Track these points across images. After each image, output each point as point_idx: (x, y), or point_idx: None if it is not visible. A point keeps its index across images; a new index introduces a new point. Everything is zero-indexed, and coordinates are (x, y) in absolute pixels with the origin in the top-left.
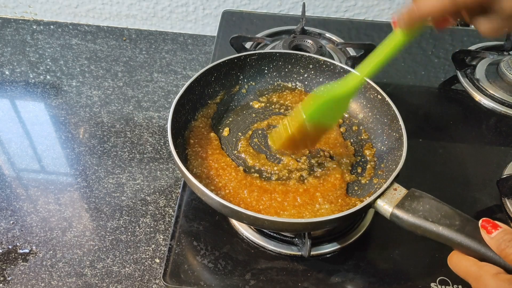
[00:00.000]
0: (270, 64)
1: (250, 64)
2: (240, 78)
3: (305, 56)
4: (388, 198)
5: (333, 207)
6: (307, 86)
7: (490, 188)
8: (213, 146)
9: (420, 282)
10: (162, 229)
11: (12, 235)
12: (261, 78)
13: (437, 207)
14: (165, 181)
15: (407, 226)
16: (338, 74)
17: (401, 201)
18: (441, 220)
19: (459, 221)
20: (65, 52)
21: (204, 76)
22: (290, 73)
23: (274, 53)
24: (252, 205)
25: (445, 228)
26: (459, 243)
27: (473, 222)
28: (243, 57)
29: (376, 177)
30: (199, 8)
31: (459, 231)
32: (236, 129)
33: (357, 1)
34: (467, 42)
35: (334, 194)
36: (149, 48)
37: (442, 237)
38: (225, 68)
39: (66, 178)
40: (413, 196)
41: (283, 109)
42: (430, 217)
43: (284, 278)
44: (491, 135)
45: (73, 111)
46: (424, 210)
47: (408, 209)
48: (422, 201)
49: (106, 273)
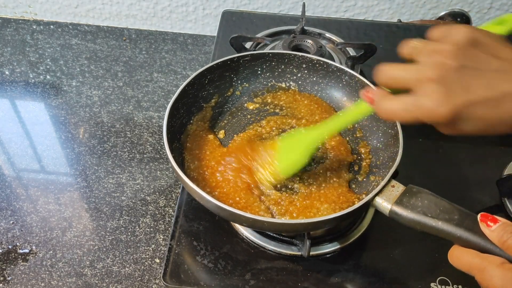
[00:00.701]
0: (263, 64)
1: (244, 66)
2: (234, 80)
3: (298, 55)
4: (387, 195)
5: (334, 206)
6: (300, 85)
7: (490, 188)
8: (210, 148)
9: (420, 282)
10: (162, 229)
11: (12, 235)
12: (255, 79)
13: (436, 202)
14: (165, 181)
15: (407, 222)
16: (332, 73)
17: (400, 198)
18: (440, 215)
19: (458, 215)
20: (65, 52)
21: (198, 79)
22: (283, 73)
23: (267, 54)
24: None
25: (444, 222)
26: (458, 237)
27: (471, 216)
28: (236, 59)
29: (372, 174)
30: (199, 8)
31: (458, 225)
32: (231, 131)
33: (357, 1)
34: None
35: (335, 193)
36: (149, 48)
37: (442, 232)
38: (218, 70)
39: (66, 178)
40: (411, 192)
41: (278, 109)
42: (429, 213)
43: (284, 278)
44: (491, 135)
45: (73, 111)
46: (422, 205)
47: (407, 205)
48: (421, 196)
49: (106, 273)
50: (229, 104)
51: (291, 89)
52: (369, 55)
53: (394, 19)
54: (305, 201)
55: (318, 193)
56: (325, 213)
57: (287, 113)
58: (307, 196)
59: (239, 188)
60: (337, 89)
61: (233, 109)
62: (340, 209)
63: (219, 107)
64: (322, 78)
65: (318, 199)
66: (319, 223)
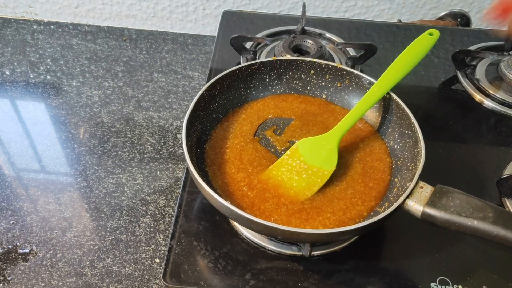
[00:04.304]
0: (271, 72)
1: (252, 74)
2: (243, 88)
3: (306, 61)
4: (417, 197)
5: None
6: (310, 91)
7: (490, 188)
8: (227, 158)
9: (420, 282)
10: (162, 229)
11: (12, 235)
12: (263, 87)
13: (467, 201)
14: (165, 181)
15: (441, 223)
16: (341, 76)
17: (431, 199)
18: (474, 214)
19: (492, 212)
20: (65, 52)
21: (209, 91)
22: (291, 79)
23: (275, 61)
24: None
25: (480, 221)
26: (496, 235)
27: (506, 212)
28: (245, 68)
29: (394, 176)
30: (199, 8)
31: (495, 223)
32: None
33: (357, 1)
34: (467, 42)
35: (364, 197)
36: (149, 48)
37: (478, 231)
38: (228, 81)
39: (66, 178)
40: (441, 192)
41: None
42: (462, 212)
43: (284, 278)
44: (491, 135)
45: (73, 111)
46: (455, 205)
47: (439, 206)
48: (452, 196)
49: (106, 273)
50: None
51: (301, 96)
52: (369, 55)
53: (394, 19)
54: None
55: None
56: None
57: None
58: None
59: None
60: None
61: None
62: (359, 215)
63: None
64: (330, 82)
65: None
66: (344, 232)
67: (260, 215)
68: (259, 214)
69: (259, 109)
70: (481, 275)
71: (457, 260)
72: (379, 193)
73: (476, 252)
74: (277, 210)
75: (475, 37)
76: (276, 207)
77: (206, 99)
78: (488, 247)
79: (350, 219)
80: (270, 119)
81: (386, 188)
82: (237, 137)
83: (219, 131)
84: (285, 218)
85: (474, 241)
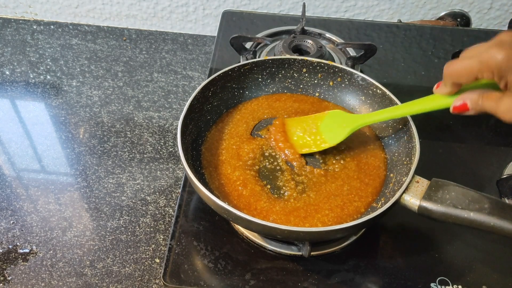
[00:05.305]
0: (263, 71)
1: (244, 74)
2: (236, 89)
3: (298, 59)
4: (413, 192)
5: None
6: (303, 89)
7: (490, 188)
8: (223, 159)
9: (420, 282)
10: (162, 229)
11: (12, 235)
12: (256, 87)
13: (463, 193)
14: (165, 181)
15: (438, 216)
16: (333, 74)
17: (427, 193)
18: (470, 206)
19: (488, 203)
20: (65, 52)
21: (202, 92)
22: (284, 78)
23: (267, 61)
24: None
25: (476, 213)
26: (492, 225)
27: (502, 203)
28: (237, 68)
29: (390, 172)
30: (199, 8)
31: (491, 213)
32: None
33: (357, 1)
34: (467, 42)
35: (361, 193)
36: (149, 48)
37: (474, 223)
38: (221, 82)
39: (66, 178)
40: (437, 185)
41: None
42: (459, 204)
43: (284, 278)
44: (491, 135)
45: (73, 111)
46: (451, 198)
47: (435, 199)
48: (447, 189)
49: (106, 273)
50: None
51: (294, 94)
52: (369, 55)
53: (394, 19)
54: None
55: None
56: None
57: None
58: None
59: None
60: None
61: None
62: (356, 211)
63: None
64: (323, 80)
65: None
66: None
67: (257, 215)
68: (256, 214)
69: (253, 109)
70: (481, 275)
71: (457, 260)
72: (375, 188)
73: (476, 252)
74: (272, 209)
75: (475, 37)
76: (270, 206)
77: (200, 101)
78: (488, 247)
79: (348, 215)
80: (265, 119)
81: (382, 184)
82: (233, 138)
83: (214, 132)
84: (283, 217)
85: (474, 241)
